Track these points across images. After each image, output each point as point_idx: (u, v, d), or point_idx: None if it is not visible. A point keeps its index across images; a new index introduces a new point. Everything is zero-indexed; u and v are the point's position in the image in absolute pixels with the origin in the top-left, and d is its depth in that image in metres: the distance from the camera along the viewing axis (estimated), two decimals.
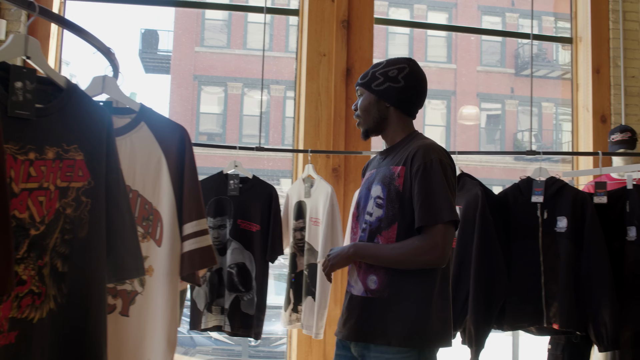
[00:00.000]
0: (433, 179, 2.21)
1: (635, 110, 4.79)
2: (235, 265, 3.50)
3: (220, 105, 14.72)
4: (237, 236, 3.51)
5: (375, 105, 2.41)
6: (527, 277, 3.33)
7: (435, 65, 15.31)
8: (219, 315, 3.51)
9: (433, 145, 2.30)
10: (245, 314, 3.50)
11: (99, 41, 2.06)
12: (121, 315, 2.10)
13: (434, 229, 2.18)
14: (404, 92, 2.39)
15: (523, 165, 13.69)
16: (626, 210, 3.36)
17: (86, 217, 1.75)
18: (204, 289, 3.48)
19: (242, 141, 14.13)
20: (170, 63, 14.85)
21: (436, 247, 2.17)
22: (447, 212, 2.18)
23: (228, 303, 3.49)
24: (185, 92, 14.25)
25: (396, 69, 2.39)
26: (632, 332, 3.30)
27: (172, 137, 2.12)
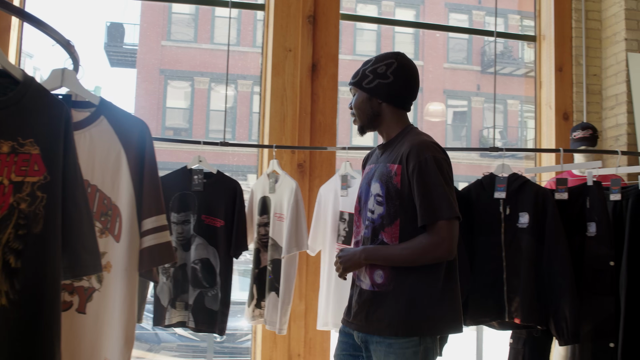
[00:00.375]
0: (429, 177, 2.28)
1: (596, 108, 4.86)
2: (200, 261, 3.47)
3: (186, 100, 14.60)
4: (201, 232, 3.48)
5: (368, 103, 2.48)
6: (490, 273, 3.36)
7: None
8: (183, 311, 3.49)
9: (425, 143, 2.35)
10: (210, 310, 3.47)
11: (58, 33, 2.03)
12: (78, 312, 2.07)
13: (437, 226, 2.26)
14: (393, 86, 2.44)
15: (488, 161, 13.83)
16: (586, 206, 3.41)
17: (41, 213, 1.71)
18: (167, 284, 3.45)
19: (208, 136, 14.04)
20: (136, 57, 14.69)
21: (443, 243, 2.26)
22: (447, 209, 2.26)
23: (192, 299, 3.47)
24: (152, 86, 14.11)
25: (384, 65, 2.44)
26: (591, 326, 3.36)
27: (132, 132, 2.09)
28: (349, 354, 2.50)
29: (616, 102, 4.71)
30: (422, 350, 2.29)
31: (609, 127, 4.77)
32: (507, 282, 3.34)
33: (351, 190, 3.65)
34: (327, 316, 3.66)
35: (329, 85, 4.44)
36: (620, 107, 4.67)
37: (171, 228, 3.33)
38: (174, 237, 3.43)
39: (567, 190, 3.44)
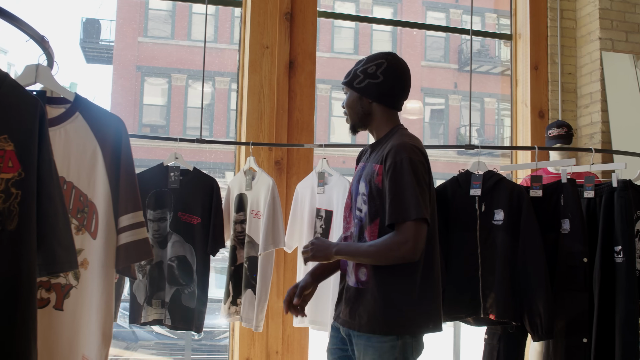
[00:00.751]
0: (402, 178, 2.30)
1: (571, 106, 4.91)
2: (176, 258, 3.46)
3: (163, 96, 14.50)
4: (177, 229, 3.47)
5: (359, 102, 2.53)
6: (465, 269, 3.39)
7: None
8: (160, 309, 3.47)
9: (404, 144, 2.37)
10: (186, 307, 3.46)
11: (32, 29, 2.01)
12: (55, 309, 2.06)
13: (403, 226, 2.27)
14: (383, 86, 2.48)
15: (465, 159, 13.90)
16: (561, 203, 3.45)
17: (16, 209, 1.70)
18: (144, 282, 3.44)
19: (186, 133, 13.96)
20: (113, 53, 14.56)
21: (406, 243, 2.26)
22: (414, 210, 2.27)
23: (169, 296, 3.45)
24: (128, 83, 13.99)
25: (374, 65, 2.50)
26: (565, 322, 3.39)
27: (108, 128, 2.09)
28: (338, 348, 2.57)
29: (591, 100, 4.77)
30: (400, 345, 2.33)
31: (583, 125, 4.83)
32: (482, 278, 3.36)
33: (328, 187, 3.66)
34: None
35: (307, 82, 4.45)
36: (594, 105, 4.73)
37: (147, 225, 3.31)
38: (150, 235, 3.38)
39: (542, 188, 3.47)
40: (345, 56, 14.79)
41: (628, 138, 4.59)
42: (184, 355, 6.25)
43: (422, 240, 2.29)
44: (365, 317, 2.37)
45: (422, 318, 2.38)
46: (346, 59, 14.62)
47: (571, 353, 3.38)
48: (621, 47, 4.81)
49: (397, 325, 2.34)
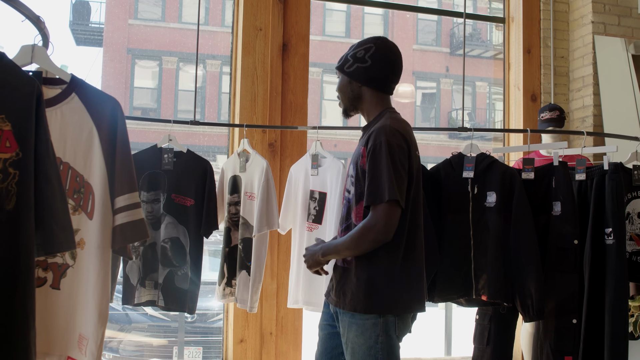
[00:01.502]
0: (379, 160, 2.36)
1: (563, 89, 4.93)
2: (169, 240, 3.47)
3: (154, 79, 14.43)
4: (171, 210, 3.47)
5: (349, 86, 2.59)
6: (458, 250, 3.42)
7: None
8: (153, 290, 3.48)
9: (385, 127, 2.42)
10: (179, 289, 3.47)
11: (28, 9, 2.00)
12: (52, 288, 2.07)
13: (376, 208, 2.34)
14: (371, 70, 2.54)
15: (457, 143, 13.93)
16: (552, 186, 3.47)
17: (14, 189, 1.71)
18: (137, 263, 3.44)
19: (177, 116, 13.91)
20: (103, 35, 14.46)
21: (376, 225, 2.33)
22: (388, 191, 2.31)
23: (162, 278, 3.46)
24: (119, 65, 13.91)
25: (363, 49, 2.55)
26: (555, 303, 3.43)
27: (104, 109, 2.09)
28: (328, 324, 2.66)
29: (583, 84, 4.79)
30: (382, 323, 2.41)
31: (575, 108, 4.85)
32: (474, 260, 3.40)
33: (321, 169, 3.67)
34: (297, 294, 3.69)
35: (300, 64, 4.45)
36: (586, 89, 4.75)
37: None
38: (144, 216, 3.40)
39: (534, 170, 3.50)
40: (337, 39, 14.74)
41: (619, 121, 4.62)
42: (177, 337, 6.29)
43: (392, 221, 2.34)
44: (349, 296, 2.44)
45: (403, 299, 2.45)
46: (338, 42, 14.58)
47: (561, 334, 3.43)
48: (613, 31, 4.82)
49: (377, 304, 2.41)
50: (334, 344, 2.64)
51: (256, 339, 4.22)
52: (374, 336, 2.41)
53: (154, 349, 6.39)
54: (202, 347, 6.46)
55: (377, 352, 2.41)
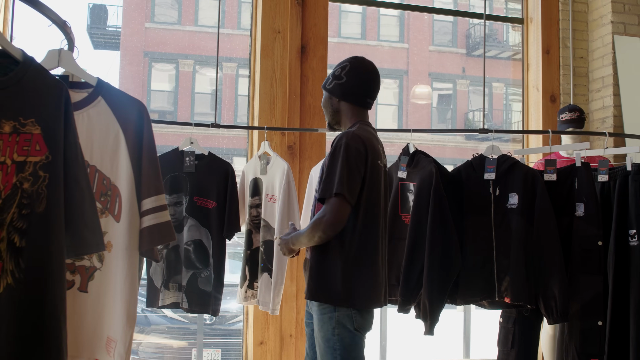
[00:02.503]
0: (337, 159, 2.59)
1: (583, 90, 4.90)
2: (192, 242, 3.49)
3: (171, 82, 14.47)
4: (193, 213, 3.50)
5: (329, 101, 2.85)
6: (480, 253, 3.41)
7: (388, 44, 15.32)
8: (177, 292, 3.50)
9: (349, 133, 2.66)
10: (203, 291, 3.49)
11: (55, 13, 2.02)
12: (80, 291, 2.09)
13: (327, 202, 2.58)
14: (346, 86, 2.78)
15: (474, 144, 13.88)
16: (575, 187, 3.46)
17: (44, 192, 1.73)
18: (160, 266, 3.47)
19: (193, 119, 13.93)
20: (120, 39, 14.54)
21: (325, 216, 2.56)
22: (337, 186, 2.54)
23: (185, 280, 3.48)
24: (136, 69, 13.97)
25: (340, 67, 2.81)
26: (580, 305, 3.41)
27: (131, 112, 2.10)
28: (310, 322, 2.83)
29: (602, 84, 4.76)
30: (337, 317, 2.60)
31: (595, 109, 4.82)
32: (496, 262, 3.39)
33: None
34: None
35: (318, 67, 4.45)
36: (606, 89, 4.72)
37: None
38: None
39: (556, 172, 3.48)
40: (353, 41, 14.73)
41: None
42: (197, 339, 6.30)
43: (340, 215, 2.55)
44: (310, 286, 2.68)
45: (351, 293, 2.61)
46: (354, 44, 14.57)
47: (587, 336, 3.41)
48: (633, 31, 4.79)
49: (328, 296, 2.62)
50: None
51: (276, 341, 4.23)
52: (331, 329, 2.61)
53: (174, 351, 6.42)
54: (221, 349, 6.47)
55: (334, 343, 2.60)
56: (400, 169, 3.50)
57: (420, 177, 3.39)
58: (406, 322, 2.57)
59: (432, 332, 3.32)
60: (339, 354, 2.61)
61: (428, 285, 3.26)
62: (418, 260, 3.32)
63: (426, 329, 3.31)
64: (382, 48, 15.16)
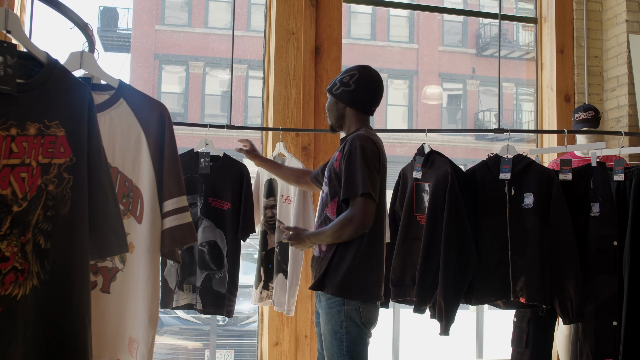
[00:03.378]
0: (354, 161, 2.72)
1: (597, 89, 4.89)
2: (207, 244, 3.49)
3: (181, 84, 14.51)
4: (208, 214, 3.50)
5: (335, 106, 2.98)
6: (495, 253, 3.41)
7: (398, 45, 15.31)
8: (191, 294, 3.50)
9: (360, 135, 2.79)
10: (217, 292, 3.49)
11: (76, 15, 2.04)
12: (102, 292, 2.10)
13: (354, 202, 2.69)
14: (354, 94, 2.92)
15: (484, 144, 13.85)
16: (590, 187, 3.45)
17: (68, 194, 1.74)
18: (175, 267, 3.48)
19: (204, 121, 13.98)
20: (130, 42, 14.59)
21: (354, 217, 2.67)
22: (362, 186, 2.66)
23: (200, 281, 3.49)
24: (146, 71, 14.02)
25: (348, 75, 2.94)
26: (595, 305, 3.41)
27: (152, 114, 2.12)
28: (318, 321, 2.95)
29: (617, 83, 4.75)
30: (347, 311, 2.72)
31: (610, 108, 4.81)
32: (512, 261, 3.38)
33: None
34: None
35: (332, 68, 4.46)
36: (621, 88, 4.70)
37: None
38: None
39: (572, 171, 3.48)
40: (363, 42, 14.73)
41: None
42: (209, 340, 6.32)
43: (369, 213, 2.69)
44: (320, 279, 2.78)
45: (361, 285, 2.74)
46: (364, 45, 14.58)
47: (602, 336, 3.40)
48: None
49: (338, 287, 2.72)
50: None
51: (291, 342, 4.23)
52: (339, 322, 2.72)
53: (189, 352, 6.44)
54: (234, 350, 6.49)
55: (342, 335, 2.72)
56: (416, 169, 3.50)
57: (435, 178, 3.39)
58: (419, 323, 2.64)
59: (448, 333, 3.32)
60: (345, 347, 2.72)
61: (443, 285, 3.27)
62: (434, 261, 3.32)
63: (442, 329, 3.31)
64: (392, 49, 15.16)
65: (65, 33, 2.29)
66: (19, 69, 1.66)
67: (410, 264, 3.42)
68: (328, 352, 2.77)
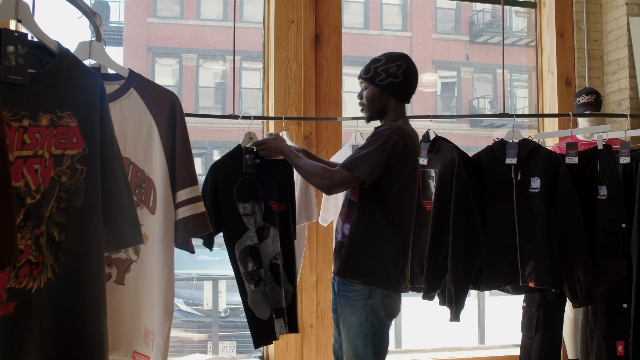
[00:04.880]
0: (375, 143, 2.71)
1: (598, 73, 4.87)
2: (280, 255, 3.07)
3: (175, 77, 14.46)
4: (271, 220, 3.07)
5: (379, 97, 2.89)
6: (503, 238, 3.39)
7: (391, 33, 15.30)
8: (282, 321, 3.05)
9: (395, 126, 2.78)
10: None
11: (84, 3, 2.00)
12: (116, 283, 2.08)
13: (343, 172, 2.70)
14: (402, 84, 2.87)
15: (480, 132, 13.87)
16: (597, 170, 3.44)
17: (82, 185, 1.71)
18: (262, 292, 2.96)
19: (198, 113, 13.93)
20: (123, 35, 14.51)
21: (329, 180, 2.72)
22: (363, 168, 2.67)
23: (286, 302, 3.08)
24: (139, 64, 13.94)
25: (395, 65, 2.85)
26: (604, 288, 3.40)
27: (163, 104, 2.09)
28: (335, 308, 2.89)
29: (618, 66, 4.73)
30: (370, 304, 2.70)
31: (611, 91, 4.79)
32: (520, 246, 3.37)
33: None
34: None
35: (333, 56, 4.43)
36: (622, 71, 4.69)
37: (244, 221, 2.92)
38: (252, 233, 2.95)
39: (577, 154, 3.46)
40: (356, 31, 14.69)
41: None
42: (212, 331, 6.31)
43: (341, 187, 2.75)
44: (343, 264, 2.77)
45: (383, 271, 2.73)
46: (357, 34, 14.54)
47: (612, 319, 3.40)
48: None
49: (361, 272, 2.73)
50: None
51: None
52: (364, 315, 2.70)
53: (194, 344, 6.43)
54: (237, 342, 6.49)
55: (367, 329, 2.70)
56: (422, 156, 3.47)
57: (442, 164, 3.37)
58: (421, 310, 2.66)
59: (458, 319, 3.31)
60: (370, 340, 2.70)
61: (452, 271, 3.25)
62: (442, 247, 3.31)
63: (452, 315, 3.30)
64: (386, 37, 15.13)
65: (64, 24, 2.26)
66: (30, 59, 1.63)
67: (418, 251, 3.40)
68: (352, 343, 2.74)
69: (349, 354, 2.75)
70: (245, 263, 2.94)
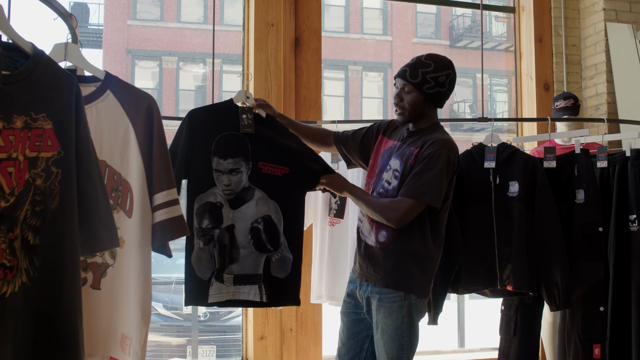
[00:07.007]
0: (434, 167, 2.66)
1: (576, 77, 4.91)
2: (262, 219, 2.91)
3: (155, 79, 14.40)
4: (259, 182, 2.90)
5: (423, 104, 2.82)
6: (481, 241, 3.40)
7: (372, 37, 15.34)
8: (232, 286, 2.84)
9: (448, 142, 2.75)
10: (275, 279, 2.93)
11: (60, 5, 1.98)
12: (92, 288, 2.06)
13: (408, 201, 2.64)
14: (446, 94, 2.86)
15: (460, 136, 13.91)
16: (574, 174, 3.47)
17: (57, 188, 1.70)
18: (209, 251, 2.81)
19: (178, 116, 13.86)
20: (102, 37, 14.43)
21: (397, 212, 2.65)
22: (430, 196, 2.64)
23: (260, 268, 2.90)
24: (119, 66, 13.87)
25: (444, 75, 2.80)
26: (581, 291, 3.43)
27: (140, 106, 2.07)
28: (352, 311, 2.91)
29: (596, 71, 4.77)
30: (407, 305, 2.71)
31: (589, 96, 4.84)
32: (498, 250, 3.39)
33: (341, 163, 3.64)
34: (320, 289, 3.67)
35: (313, 59, 4.42)
36: (599, 76, 4.73)
37: (213, 177, 2.78)
38: (219, 191, 2.80)
39: (555, 159, 3.49)
40: (336, 35, 14.72)
41: (634, 108, 4.60)
42: (191, 336, 6.28)
43: (410, 217, 2.66)
44: (382, 274, 2.74)
45: (426, 281, 2.78)
46: (337, 38, 14.57)
47: (589, 322, 3.42)
48: (625, 18, 4.80)
49: (406, 283, 2.72)
50: (359, 328, 2.90)
51: (276, 336, 4.20)
52: (401, 317, 2.71)
53: (173, 348, 6.39)
54: (216, 346, 6.46)
55: (403, 331, 2.71)
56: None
57: None
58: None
59: (436, 322, 3.32)
60: (406, 342, 2.73)
61: None
62: None
63: (430, 318, 3.30)
64: (366, 41, 15.16)
65: (40, 26, 2.24)
66: (4, 60, 1.61)
67: None
68: (386, 345, 2.72)
69: (384, 356, 2.74)
70: (201, 218, 2.74)
